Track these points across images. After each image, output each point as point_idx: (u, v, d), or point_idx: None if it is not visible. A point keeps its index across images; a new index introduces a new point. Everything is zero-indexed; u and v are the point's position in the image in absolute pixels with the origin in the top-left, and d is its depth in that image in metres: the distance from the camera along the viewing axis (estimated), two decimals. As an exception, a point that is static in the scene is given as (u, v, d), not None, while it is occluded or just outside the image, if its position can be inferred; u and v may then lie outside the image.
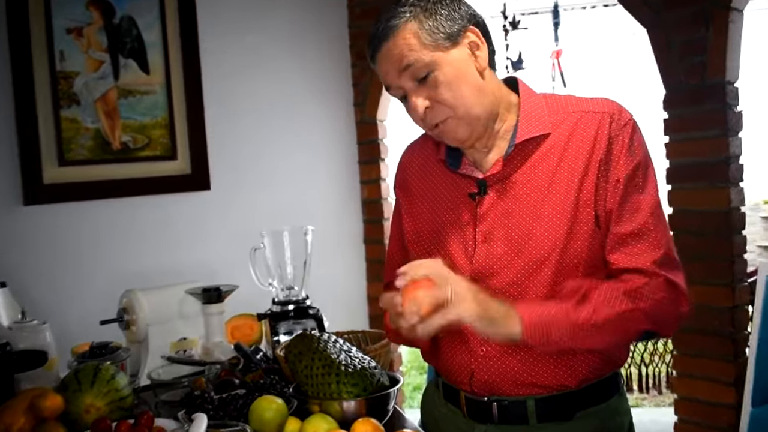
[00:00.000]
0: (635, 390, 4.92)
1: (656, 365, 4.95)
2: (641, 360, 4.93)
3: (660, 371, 4.95)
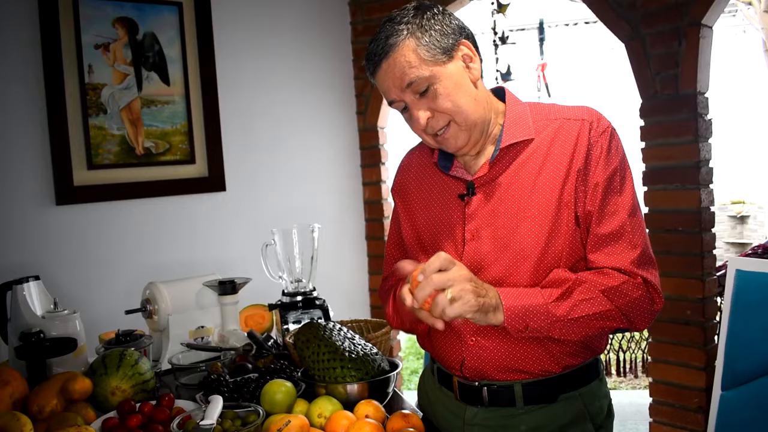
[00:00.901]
0: (613, 374, 4.92)
1: (633, 351, 4.95)
2: (619, 346, 4.93)
3: (636, 357, 4.95)
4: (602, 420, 1.41)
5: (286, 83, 3.27)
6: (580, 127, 1.34)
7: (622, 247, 1.31)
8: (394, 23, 1.34)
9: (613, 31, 2.70)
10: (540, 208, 1.32)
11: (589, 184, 1.32)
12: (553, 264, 1.32)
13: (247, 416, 1.38)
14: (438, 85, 1.31)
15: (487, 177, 1.38)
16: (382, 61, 1.34)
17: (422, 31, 1.32)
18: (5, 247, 2.49)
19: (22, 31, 2.55)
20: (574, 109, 1.39)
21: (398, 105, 1.38)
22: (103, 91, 2.72)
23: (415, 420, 1.36)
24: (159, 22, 2.86)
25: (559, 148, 1.34)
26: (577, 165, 1.32)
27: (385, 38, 1.34)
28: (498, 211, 1.36)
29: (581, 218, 1.33)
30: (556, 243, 1.32)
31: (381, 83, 1.38)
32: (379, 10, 3.40)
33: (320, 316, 2.08)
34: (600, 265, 1.32)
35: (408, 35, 1.32)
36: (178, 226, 2.92)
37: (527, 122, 1.38)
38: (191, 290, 2.12)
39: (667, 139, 2.59)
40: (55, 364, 1.72)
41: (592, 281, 1.29)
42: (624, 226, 1.32)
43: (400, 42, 1.32)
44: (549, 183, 1.33)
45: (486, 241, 1.36)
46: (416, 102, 1.34)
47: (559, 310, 1.26)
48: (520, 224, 1.34)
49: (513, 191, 1.36)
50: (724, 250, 8.12)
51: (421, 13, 1.35)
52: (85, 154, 2.67)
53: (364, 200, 3.57)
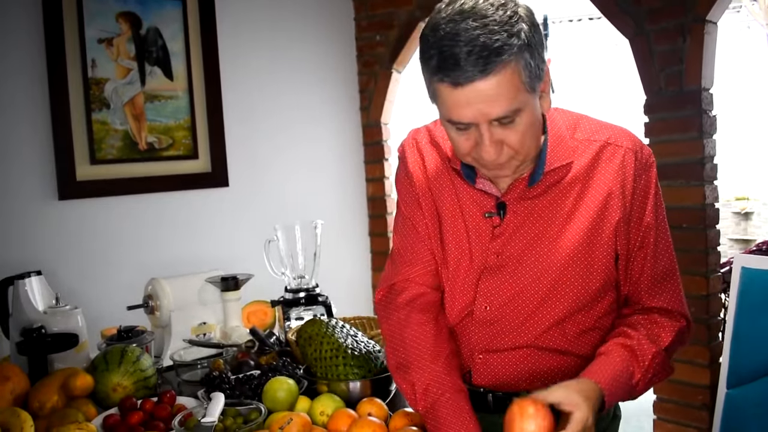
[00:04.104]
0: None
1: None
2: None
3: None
4: (608, 423, 1.39)
5: (290, 78, 3.25)
6: (624, 156, 1.23)
7: (672, 286, 1.27)
8: (503, 24, 1.03)
9: (617, 27, 2.68)
10: (576, 239, 1.22)
11: (634, 220, 1.24)
12: (587, 301, 1.24)
13: (249, 414, 1.37)
14: (519, 117, 1.09)
15: (518, 197, 1.24)
16: (475, 79, 1.03)
17: (533, 43, 1.06)
18: (7, 242, 2.48)
19: (26, 25, 2.54)
20: (614, 132, 1.26)
21: (462, 125, 1.11)
22: (106, 86, 2.70)
23: (418, 418, 1.35)
24: (162, 17, 2.84)
25: (601, 176, 1.22)
26: (620, 200, 1.21)
27: (484, 43, 1.01)
28: (530, 236, 1.24)
29: (622, 255, 1.24)
30: (592, 278, 1.23)
31: (455, 100, 1.07)
32: (382, 6, 3.38)
33: (323, 312, 2.07)
34: (650, 305, 1.27)
35: (517, 53, 1.03)
36: (180, 221, 2.91)
37: (567, 143, 1.24)
38: (193, 286, 2.11)
39: (672, 136, 2.57)
40: (57, 360, 1.71)
41: (653, 349, 1.22)
42: (672, 265, 1.27)
43: (507, 61, 1.03)
44: (588, 213, 1.22)
45: (512, 267, 1.25)
46: (491, 130, 1.09)
47: (635, 382, 1.21)
48: (553, 254, 1.22)
49: (548, 217, 1.23)
50: (728, 247, 8.08)
51: (531, 14, 1.08)
52: (88, 149, 2.66)
53: (367, 196, 3.55)
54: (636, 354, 1.21)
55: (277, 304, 2.11)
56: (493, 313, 1.28)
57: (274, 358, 1.74)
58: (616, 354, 1.21)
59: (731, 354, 1.89)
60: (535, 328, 1.26)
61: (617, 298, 1.30)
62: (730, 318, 1.90)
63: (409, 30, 3.30)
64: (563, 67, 7.09)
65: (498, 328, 1.28)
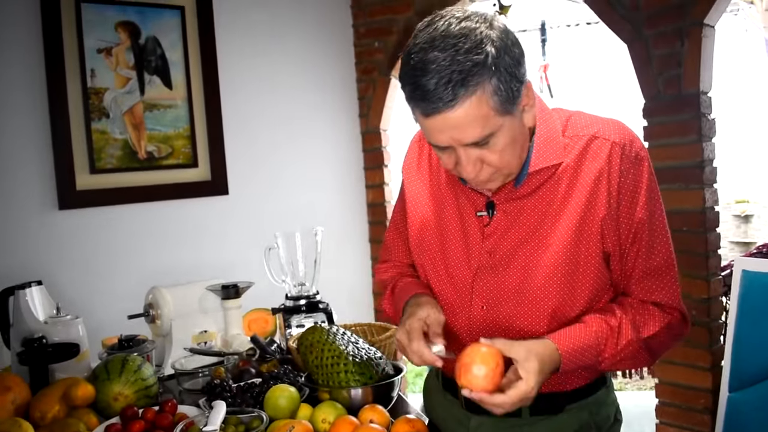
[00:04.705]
0: (619, 375, 4.89)
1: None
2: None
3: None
4: (609, 427, 1.39)
5: (289, 86, 3.26)
6: (610, 150, 1.21)
7: (668, 280, 1.26)
8: (469, 52, 1.02)
9: (615, 31, 2.68)
10: (563, 236, 1.22)
11: (624, 216, 1.22)
12: (575, 297, 1.24)
13: (251, 422, 1.37)
14: (495, 138, 1.11)
15: (508, 196, 1.26)
16: (442, 110, 1.05)
17: (503, 67, 1.05)
18: (7, 252, 2.49)
19: (25, 35, 2.54)
20: (603, 124, 1.25)
21: (442, 149, 1.16)
22: (105, 96, 2.71)
23: (419, 425, 1.34)
24: (161, 26, 2.85)
25: (587, 171, 1.22)
26: (607, 195, 1.21)
27: (450, 74, 1.02)
28: (519, 235, 1.25)
29: (614, 252, 1.24)
30: (581, 274, 1.23)
31: (429, 126, 1.11)
32: (381, 12, 3.39)
33: (324, 319, 2.07)
34: (643, 298, 1.26)
35: (486, 79, 1.04)
36: (180, 230, 2.91)
37: (558, 143, 1.23)
38: (194, 294, 2.11)
39: (671, 139, 2.57)
40: (58, 369, 1.71)
41: (634, 334, 1.22)
42: (669, 258, 1.27)
43: (477, 88, 1.04)
44: (575, 210, 1.22)
45: (502, 266, 1.27)
46: (467, 152, 1.13)
47: (605, 357, 1.22)
48: (543, 252, 1.23)
49: (536, 215, 1.25)
50: (729, 250, 8.08)
51: (503, 36, 1.07)
52: (88, 159, 2.66)
53: (367, 203, 3.55)
54: (613, 333, 1.22)
55: (278, 311, 2.11)
56: (489, 312, 1.30)
57: (276, 366, 1.73)
58: (595, 327, 1.22)
59: (733, 357, 1.88)
60: (529, 326, 1.28)
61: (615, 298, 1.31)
62: (732, 321, 1.89)
63: (408, 36, 3.27)
64: (562, 72, 7.10)
65: (496, 326, 1.30)
